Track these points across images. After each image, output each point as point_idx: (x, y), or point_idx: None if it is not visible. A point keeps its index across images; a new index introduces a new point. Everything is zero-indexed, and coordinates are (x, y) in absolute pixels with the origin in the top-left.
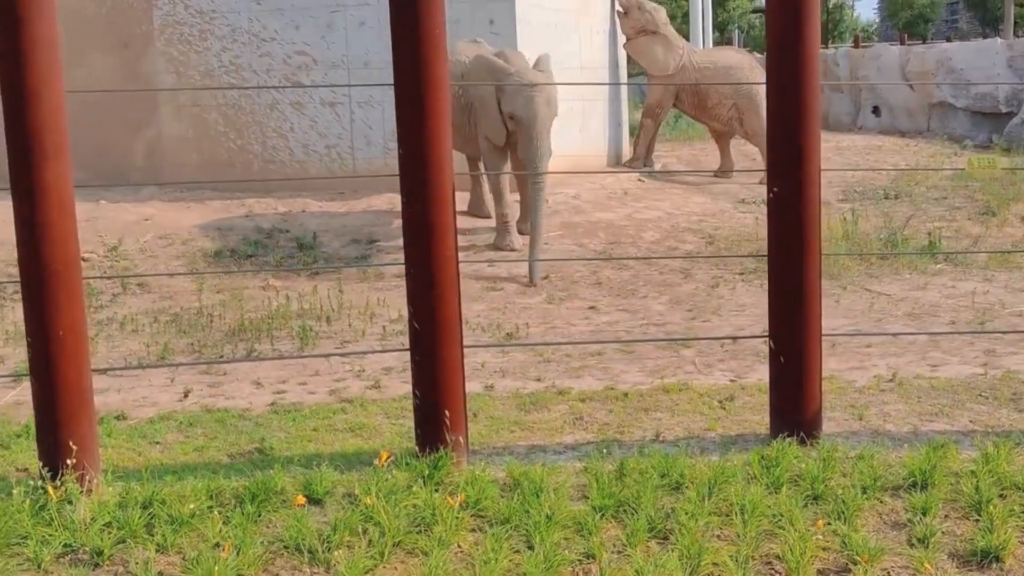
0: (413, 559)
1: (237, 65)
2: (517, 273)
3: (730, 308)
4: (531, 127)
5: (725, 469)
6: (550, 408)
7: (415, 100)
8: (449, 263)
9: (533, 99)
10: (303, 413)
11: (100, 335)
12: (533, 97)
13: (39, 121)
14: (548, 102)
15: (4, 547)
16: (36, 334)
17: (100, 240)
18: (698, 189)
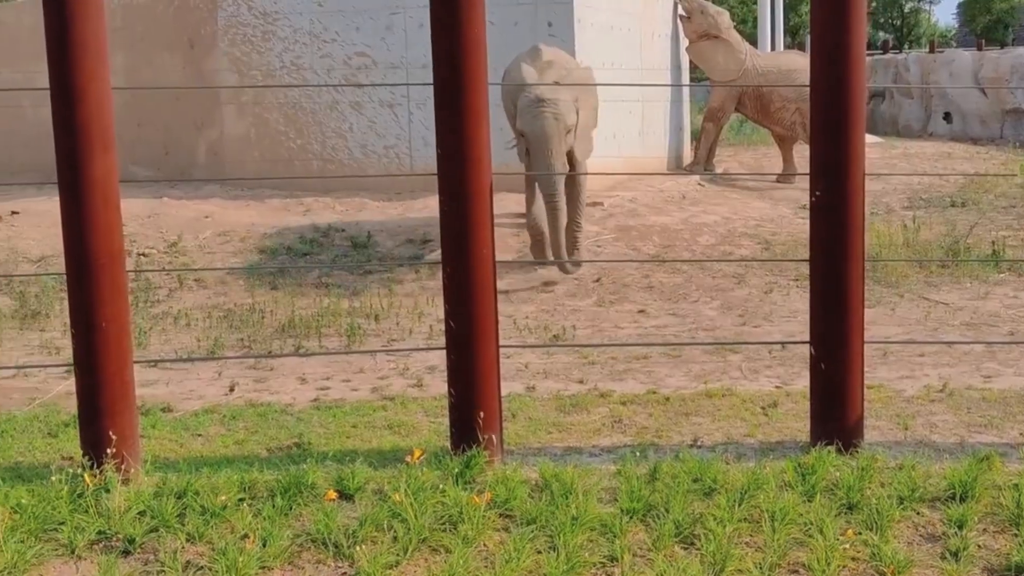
0: (436, 556)
1: (298, 66)
2: (569, 275)
3: (782, 314)
4: (538, 145)
5: (759, 476)
6: (590, 410)
7: (453, 101)
8: (486, 263)
9: (539, 115)
10: (344, 410)
11: (154, 329)
12: (539, 113)
13: (86, 118)
14: (557, 117)
15: (40, 532)
16: (80, 326)
17: (161, 236)
18: (758, 194)
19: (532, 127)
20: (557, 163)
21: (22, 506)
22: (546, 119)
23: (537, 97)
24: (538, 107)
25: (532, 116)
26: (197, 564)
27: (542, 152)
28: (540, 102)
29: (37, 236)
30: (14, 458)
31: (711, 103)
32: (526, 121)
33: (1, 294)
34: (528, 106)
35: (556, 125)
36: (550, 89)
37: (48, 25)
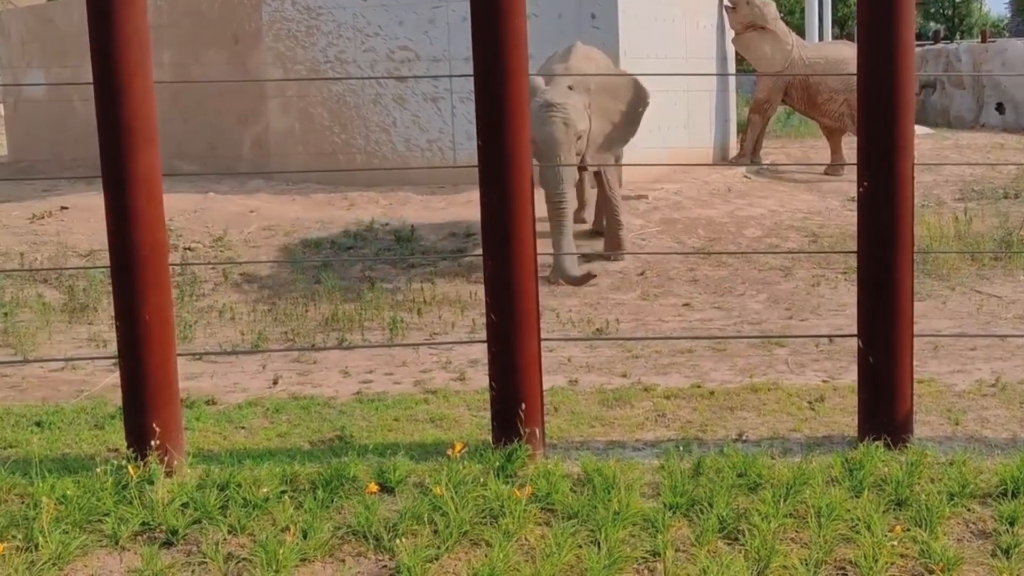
0: (476, 550)
1: (342, 60)
2: (612, 269)
3: (830, 307)
4: (546, 151)
5: (805, 471)
6: (633, 404)
7: (494, 93)
8: (527, 255)
9: (547, 121)
10: (386, 403)
11: (199, 322)
12: (548, 118)
13: (129, 113)
14: (567, 123)
15: (85, 523)
16: (124, 318)
17: (207, 231)
18: (806, 187)
19: (541, 132)
20: (565, 170)
21: (68, 497)
22: (555, 124)
23: (547, 102)
24: (547, 112)
25: (541, 121)
26: (238, 556)
27: (549, 158)
28: (549, 107)
29: (86, 231)
30: (61, 450)
31: (757, 95)
32: (535, 127)
33: (50, 287)
34: (537, 111)
35: (565, 131)
36: (560, 93)
37: (91, 21)
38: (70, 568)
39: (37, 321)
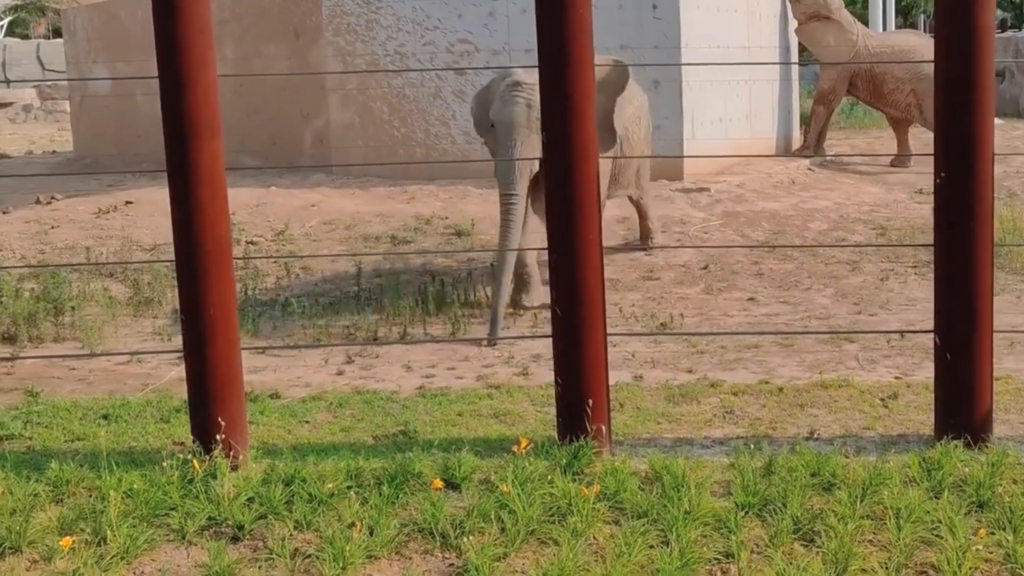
0: (545, 549)
1: (401, 54)
2: (675, 262)
3: (900, 302)
4: (501, 136)
5: (882, 470)
6: (700, 400)
7: (559, 83)
8: (593, 248)
9: (509, 100)
10: (449, 398)
11: (262, 316)
12: (510, 98)
13: (193, 104)
14: (531, 104)
15: (152, 517)
16: (189, 312)
17: (268, 225)
18: (871, 179)
19: (500, 114)
20: (521, 161)
21: (135, 491)
22: (516, 104)
23: (514, 80)
24: (511, 91)
25: (503, 101)
26: (305, 552)
27: (504, 143)
28: (515, 86)
29: (150, 225)
30: (128, 443)
31: (821, 85)
32: (496, 108)
33: (116, 281)
34: (503, 90)
35: (527, 113)
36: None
37: (157, 13)
38: (138, 562)
39: (103, 315)
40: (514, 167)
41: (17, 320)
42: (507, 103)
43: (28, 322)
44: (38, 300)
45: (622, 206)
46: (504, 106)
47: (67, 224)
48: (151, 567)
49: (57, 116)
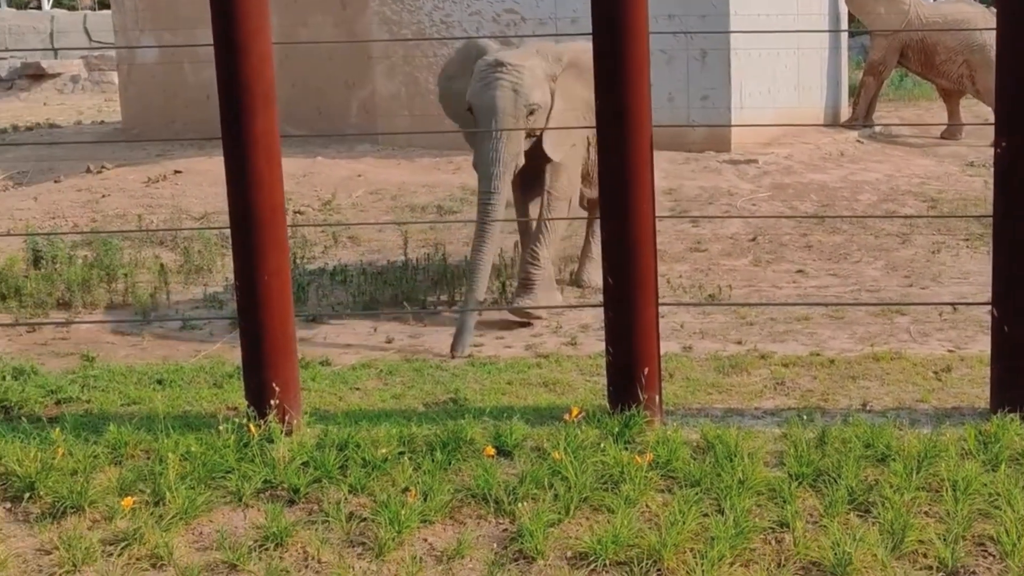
0: (598, 516)
1: (447, 23)
2: (723, 234)
3: (952, 275)
4: (486, 124)
5: (937, 443)
6: (750, 372)
7: (613, 50)
8: (646, 216)
9: (491, 83)
10: (498, 366)
11: (311, 285)
12: (493, 80)
13: (249, 72)
14: (517, 89)
15: (209, 479)
16: (244, 279)
17: (315, 194)
18: (921, 151)
19: (481, 98)
20: (507, 152)
21: (191, 454)
22: (500, 88)
23: (496, 60)
24: (492, 72)
25: (484, 83)
26: (360, 516)
27: (486, 133)
28: (497, 66)
29: (199, 194)
30: (182, 407)
31: (872, 56)
32: (476, 90)
33: (167, 249)
34: (482, 71)
35: (513, 100)
36: (518, 55)
37: None
38: (196, 523)
39: (155, 282)
40: (498, 161)
41: (71, 287)
42: (490, 87)
43: (82, 288)
44: (91, 267)
45: (668, 176)
46: (487, 90)
47: (117, 193)
48: (209, 528)
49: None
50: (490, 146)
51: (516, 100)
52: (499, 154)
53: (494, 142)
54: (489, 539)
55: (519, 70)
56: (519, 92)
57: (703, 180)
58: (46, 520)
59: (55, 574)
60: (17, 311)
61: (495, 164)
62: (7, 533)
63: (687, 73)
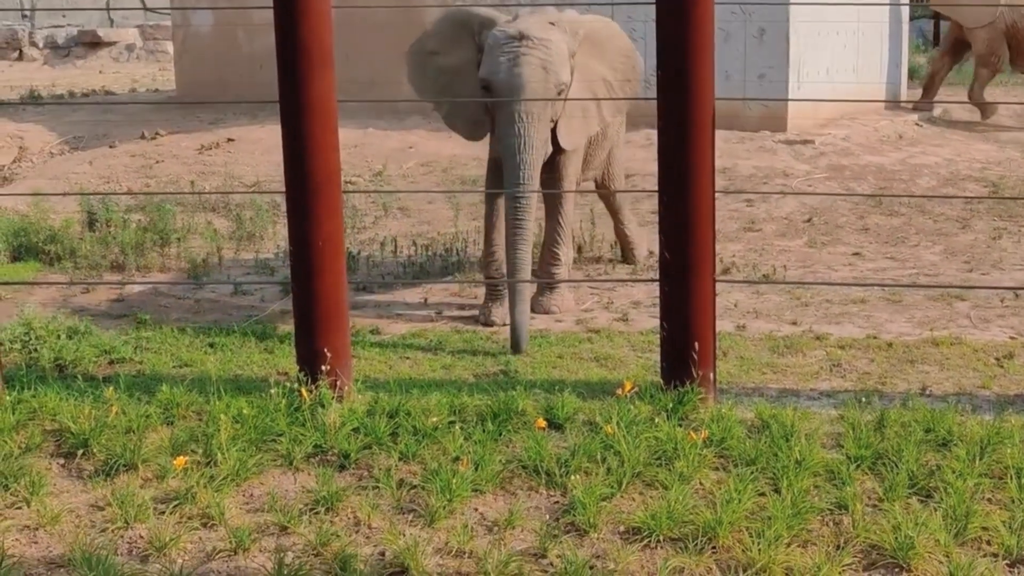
0: (652, 491)
1: None
2: (777, 215)
3: (1013, 261)
4: (511, 104)
5: (1000, 429)
6: (805, 353)
7: (677, 14)
8: (705, 191)
9: (518, 60)
10: (549, 340)
11: (361, 254)
12: (519, 57)
13: (307, 33)
14: (547, 67)
15: (261, 442)
16: (298, 244)
17: (367, 165)
18: (982, 136)
19: (507, 76)
20: (538, 138)
21: (243, 416)
22: (530, 65)
23: (520, 33)
24: (518, 47)
25: (509, 60)
26: (410, 483)
27: (517, 114)
28: (522, 40)
29: (251, 162)
30: (234, 371)
31: (978, 49)
32: (498, 67)
33: (219, 216)
34: (501, 45)
35: (544, 78)
36: (539, 26)
37: None
38: (247, 484)
39: (207, 247)
40: (528, 148)
41: (125, 249)
42: (517, 63)
43: (136, 251)
44: (145, 231)
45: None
46: (512, 67)
47: (171, 159)
48: (260, 490)
49: (159, 56)
50: (517, 131)
51: (547, 79)
52: (529, 140)
53: (522, 127)
54: (540, 511)
55: (547, 45)
56: (548, 70)
57: (758, 160)
58: (99, 477)
59: (107, 529)
60: (72, 272)
61: (525, 152)
62: (60, 488)
63: (745, 51)
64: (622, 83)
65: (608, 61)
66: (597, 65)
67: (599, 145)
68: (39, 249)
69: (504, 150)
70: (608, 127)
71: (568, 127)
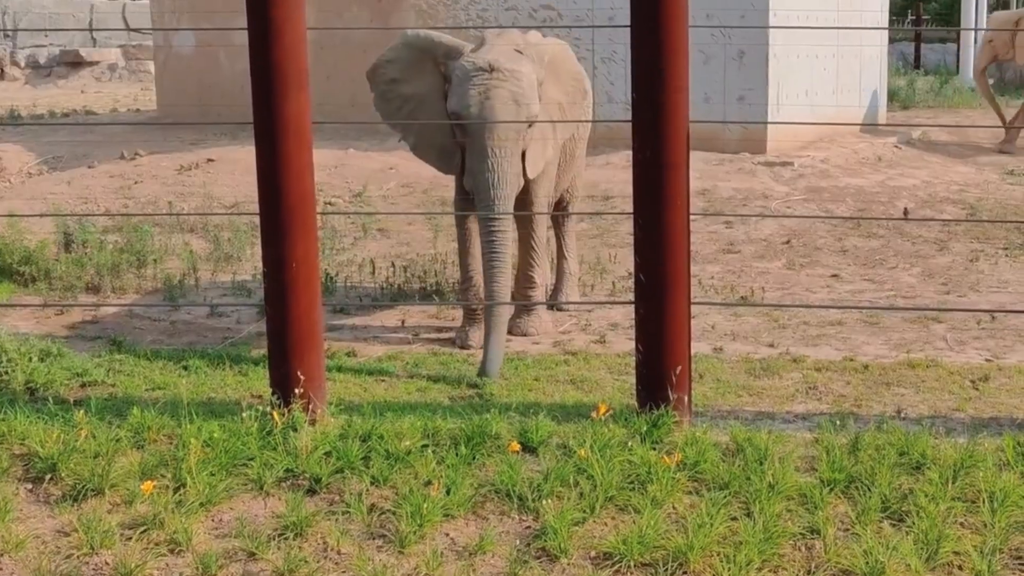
0: (624, 516)
1: (483, 19)
2: (756, 236)
3: (990, 284)
4: (478, 138)
5: (974, 453)
6: (782, 375)
7: (651, 40)
8: (680, 213)
9: (489, 91)
10: (526, 362)
11: (339, 275)
12: (490, 88)
13: (281, 54)
14: (518, 99)
15: (231, 466)
16: (272, 266)
17: (346, 186)
18: (960, 159)
19: (479, 107)
20: (511, 172)
21: (214, 440)
22: (501, 97)
23: (489, 64)
24: (488, 79)
25: (479, 92)
26: (381, 508)
27: (488, 148)
28: (492, 71)
29: (230, 183)
30: (207, 394)
31: None
32: (468, 99)
33: (197, 237)
34: (469, 75)
35: (515, 112)
36: (508, 56)
37: None
38: (217, 510)
39: (184, 268)
40: (501, 183)
41: (101, 271)
42: (487, 94)
43: (112, 273)
44: (122, 252)
45: (702, 177)
46: (484, 100)
47: (150, 179)
48: (229, 515)
49: (141, 76)
50: (490, 166)
51: (518, 113)
52: (502, 175)
53: (495, 162)
54: (512, 535)
55: (518, 77)
56: (520, 103)
57: (737, 181)
58: (66, 502)
59: (72, 556)
60: (46, 294)
61: (498, 187)
62: (27, 514)
63: (724, 73)
64: (571, 106)
65: (562, 85)
66: (554, 90)
67: (568, 167)
68: (13, 271)
69: (477, 185)
70: (576, 148)
71: (532, 154)
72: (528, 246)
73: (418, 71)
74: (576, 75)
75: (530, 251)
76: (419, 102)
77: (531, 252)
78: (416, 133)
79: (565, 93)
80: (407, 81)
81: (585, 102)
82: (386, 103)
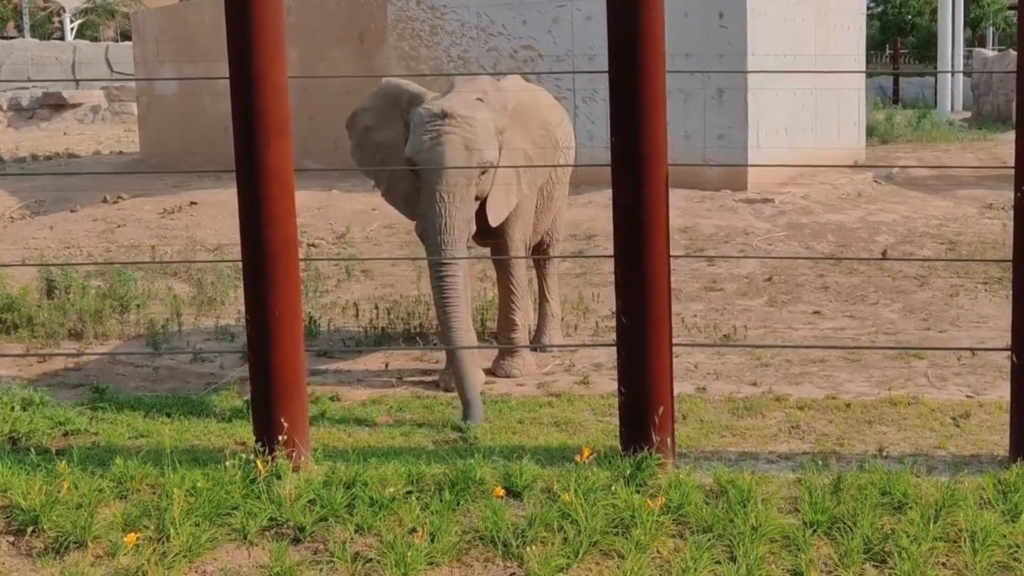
0: (608, 561)
1: (465, 59)
2: (738, 273)
3: (970, 319)
4: (428, 186)
5: (955, 491)
6: (765, 414)
7: (630, 87)
8: (661, 255)
9: (439, 138)
10: (510, 404)
11: (323, 318)
12: (440, 135)
13: (263, 102)
14: (469, 145)
15: (215, 516)
16: (255, 313)
17: (330, 228)
18: (939, 193)
19: (429, 155)
20: (460, 219)
21: (198, 489)
22: (450, 144)
23: (442, 111)
24: (439, 125)
25: (430, 139)
26: (366, 556)
27: (439, 194)
28: (444, 118)
29: (214, 226)
30: (190, 441)
31: None
32: (420, 145)
33: (180, 281)
34: (424, 123)
35: (467, 157)
36: (464, 103)
37: (229, 10)
38: (200, 561)
39: (167, 313)
40: (449, 229)
41: (84, 317)
42: (437, 141)
43: (94, 319)
44: (104, 297)
45: (684, 214)
46: (434, 145)
47: (133, 223)
48: (213, 566)
49: (124, 117)
50: (438, 211)
51: (469, 158)
52: (451, 220)
53: (443, 207)
54: None
55: (471, 123)
56: (472, 149)
57: (719, 219)
58: (49, 555)
59: None
60: (28, 341)
61: (446, 232)
62: (9, 568)
63: (704, 111)
64: (540, 156)
65: (530, 135)
66: (520, 140)
67: (546, 209)
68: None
69: (426, 229)
70: (555, 189)
71: (493, 201)
72: (507, 289)
73: (389, 119)
74: (545, 124)
75: (510, 294)
76: (389, 149)
77: (511, 295)
78: (386, 180)
79: (531, 142)
80: (379, 129)
81: (560, 149)
82: (361, 151)
